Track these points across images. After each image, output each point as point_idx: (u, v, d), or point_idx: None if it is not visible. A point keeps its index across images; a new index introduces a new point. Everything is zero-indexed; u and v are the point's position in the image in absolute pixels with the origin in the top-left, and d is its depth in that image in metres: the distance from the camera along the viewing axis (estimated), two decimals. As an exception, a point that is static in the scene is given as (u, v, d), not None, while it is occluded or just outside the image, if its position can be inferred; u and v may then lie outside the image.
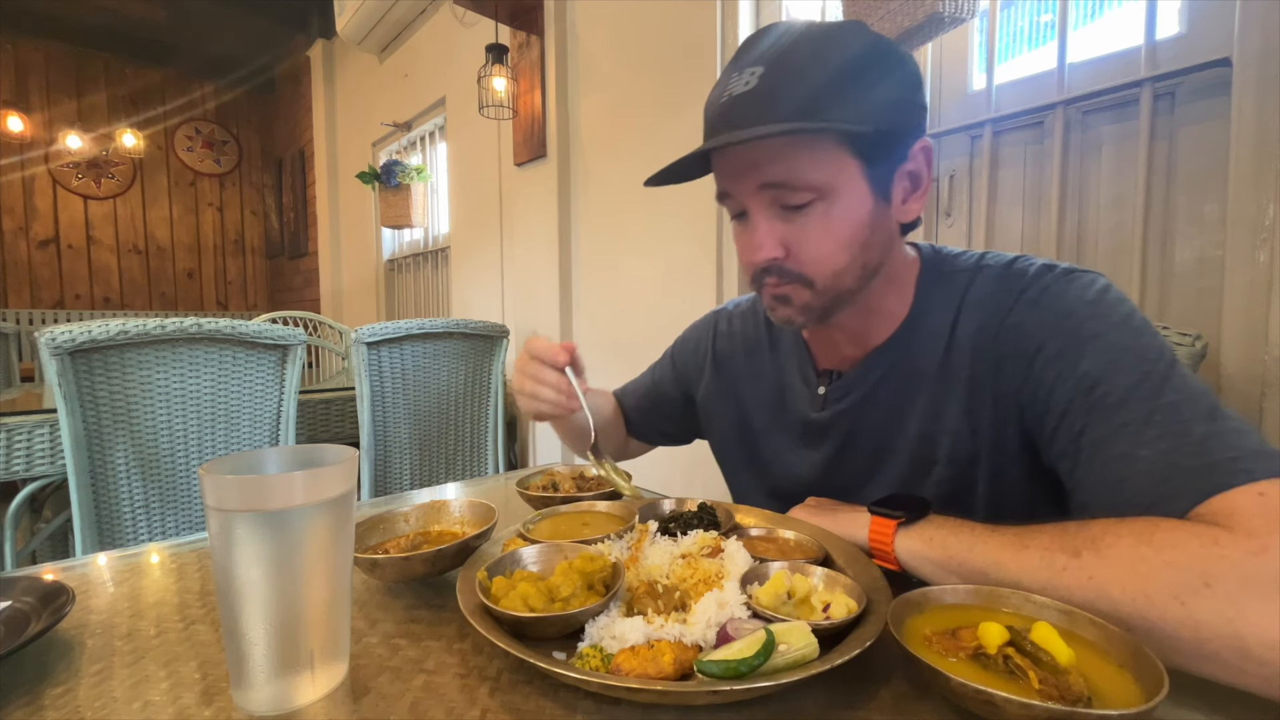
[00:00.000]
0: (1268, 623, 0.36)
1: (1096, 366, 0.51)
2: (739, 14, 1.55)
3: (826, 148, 0.56)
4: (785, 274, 0.60)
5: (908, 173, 0.59)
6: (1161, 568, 0.40)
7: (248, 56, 5.07)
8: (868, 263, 0.60)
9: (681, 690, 0.35)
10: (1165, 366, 0.49)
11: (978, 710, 0.34)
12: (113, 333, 1.32)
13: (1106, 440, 0.48)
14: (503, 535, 0.58)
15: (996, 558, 0.47)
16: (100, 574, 0.60)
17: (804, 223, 0.58)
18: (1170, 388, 0.48)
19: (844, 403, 0.67)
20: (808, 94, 0.54)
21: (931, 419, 0.61)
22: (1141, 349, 0.50)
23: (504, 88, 2.19)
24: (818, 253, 0.59)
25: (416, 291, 3.57)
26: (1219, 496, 0.42)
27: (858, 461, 0.67)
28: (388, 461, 1.91)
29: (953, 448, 0.60)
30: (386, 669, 0.42)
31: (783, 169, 0.56)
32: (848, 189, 0.57)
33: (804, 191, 0.56)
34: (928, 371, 0.62)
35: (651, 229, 1.82)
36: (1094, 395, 0.50)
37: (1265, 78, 0.84)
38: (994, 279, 0.60)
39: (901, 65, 0.57)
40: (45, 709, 0.38)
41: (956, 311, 0.61)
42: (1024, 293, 0.57)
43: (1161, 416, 0.46)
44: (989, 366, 0.58)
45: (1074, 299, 0.55)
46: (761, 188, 0.58)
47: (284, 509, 0.37)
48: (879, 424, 0.65)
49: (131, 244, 5.30)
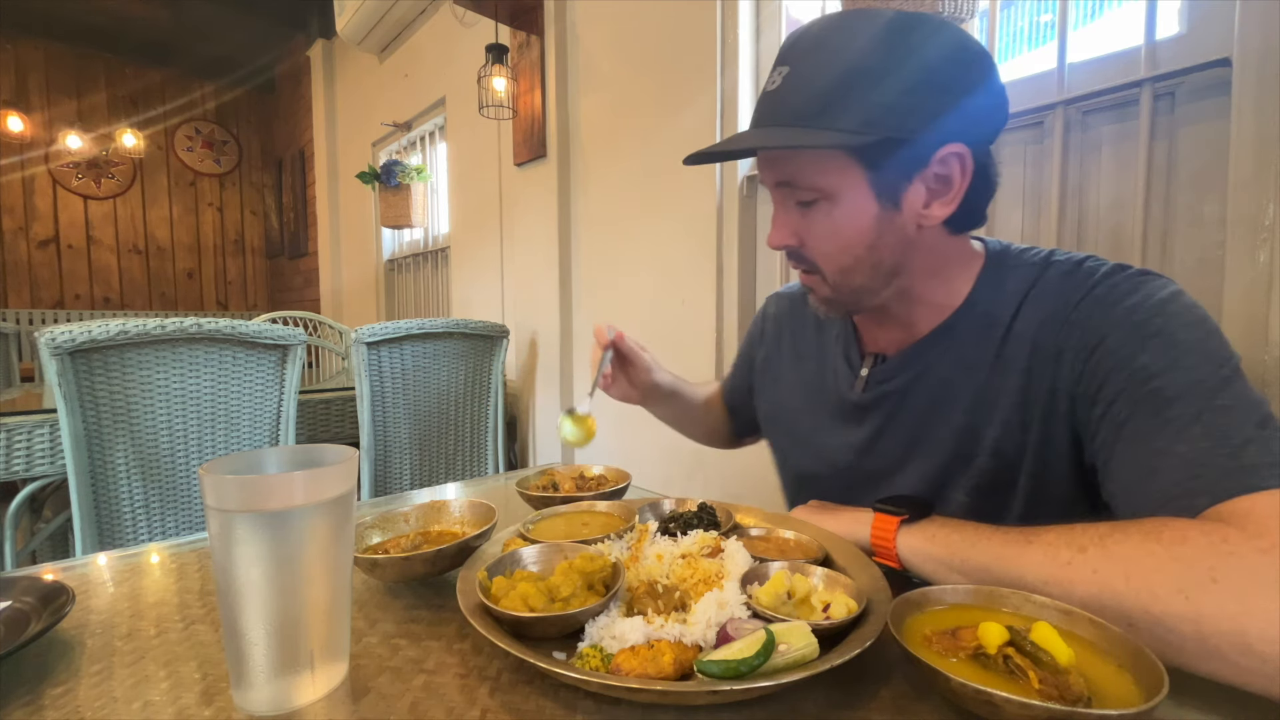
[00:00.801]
0: (1272, 619, 0.35)
1: (1155, 361, 0.49)
2: (739, 14, 1.55)
3: (828, 154, 0.57)
4: (802, 260, 0.64)
5: (933, 175, 0.57)
6: (1168, 562, 0.40)
7: (248, 56, 5.07)
8: (879, 263, 0.60)
9: (681, 690, 0.35)
10: (1229, 372, 0.48)
11: (978, 710, 0.34)
12: (113, 333, 1.32)
13: (1149, 433, 0.48)
14: (503, 535, 0.58)
15: (1000, 553, 0.47)
16: (100, 574, 0.60)
17: (813, 218, 0.60)
18: (1228, 393, 0.46)
19: (886, 386, 0.67)
20: (812, 99, 0.55)
21: (981, 409, 0.61)
22: (1207, 352, 0.49)
23: (504, 88, 2.19)
24: (824, 249, 0.61)
25: (416, 291, 3.57)
26: (1243, 498, 0.41)
27: (895, 447, 0.67)
28: (388, 461, 1.91)
29: (999, 439, 0.59)
30: (386, 669, 0.42)
31: (790, 170, 0.60)
32: (849, 194, 0.58)
33: (809, 191, 0.59)
34: (981, 362, 0.61)
35: (651, 229, 1.82)
36: (1147, 388, 0.49)
37: (1265, 78, 0.84)
38: (1063, 275, 0.59)
39: (929, 66, 0.54)
40: (45, 709, 0.38)
41: (1019, 304, 0.60)
42: (1093, 289, 0.56)
43: (1210, 417, 0.45)
44: (1049, 360, 0.57)
45: (1143, 297, 0.53)
46: (777, 182, 0.62)
47: (284, 509, 0.37)
48: (921, 411, 0.65)
49: (131, 244, 5.29)
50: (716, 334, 1.64)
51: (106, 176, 5.15)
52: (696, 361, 1.69)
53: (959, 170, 0.57)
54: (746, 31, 1.56)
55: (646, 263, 1.85)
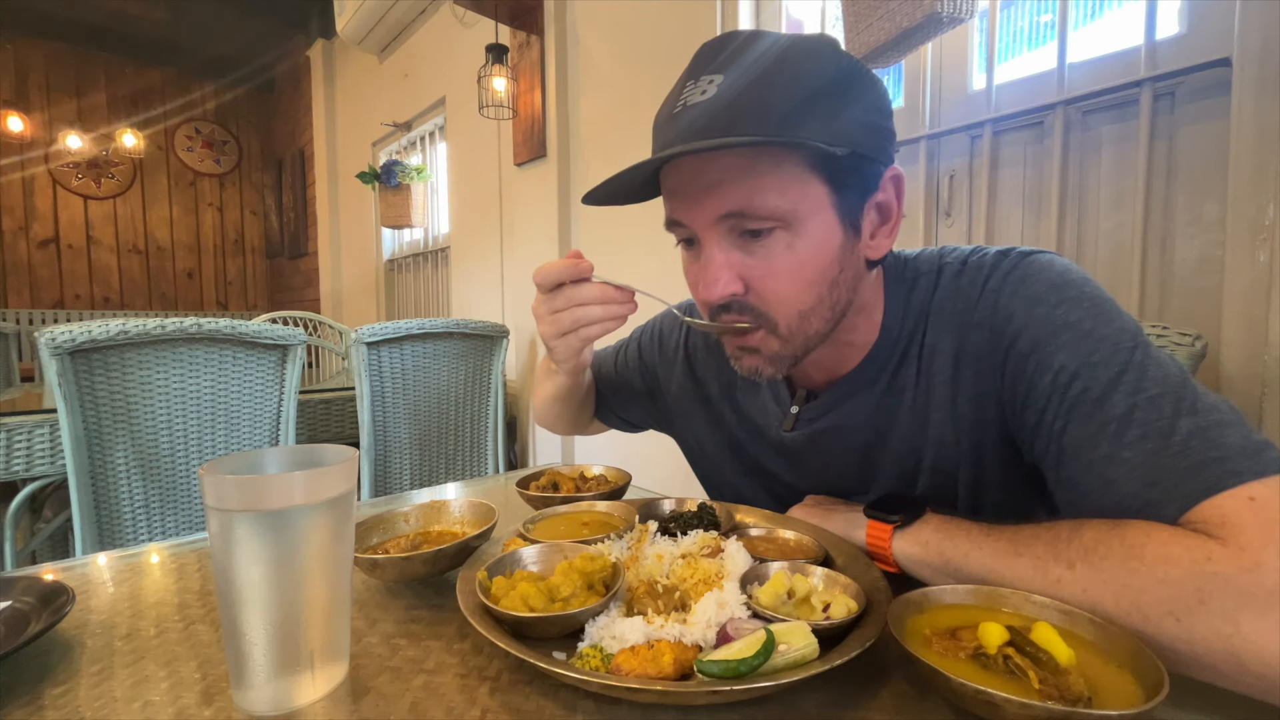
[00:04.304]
0: (1264, 638, 0.36)
1: (1072, 359, 0.49)
2: (739, 14, 1.55)
3: (792, 169, 0.50)
4: (747, 311, 0.55)
5: (876, 204, 0.55)
6: (1155, 584, 0.39)
7: (248, 56, 5.07)
8: (836, 303, 0.55)
9: (681, 690, 0.35)
10: (1140, 354, 0.48)
11: (978, 710, 0.34)
12: (113, 333, 1.32)
13: (1088, 441, 0.47)
14: (503, 535, 0.58)
15: (991, 565, 0.47)
16: (100, 574, 0.60)
17: (765, 254, 0.52)
18: (1149, 379, 0.46)
19: (818, 424, 0.64)
20: (773, 106, 0.48)
21: (915, 431, 0.60)
22: (1115, 335, 0.49)
23: (504, 88, 2.19)
24: (780, 291, 0.53)
25: (416, 291, 3.57)
26: (1208, 502, 0.41)
27: (843, 478, 0.66)
28: (388, 461, 1.91)
29: (936, 458, 0.59)
30: (386, 669, 0.42)
31: (743, 194, 0.50)
32: (814, 219, 0.52)
33: (765, 220, 0.51)
34: (905, 384, 0.60)
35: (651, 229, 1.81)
36: (1072, 391, 0.49)
37: (1265, 78, 0.84)
38: (954, 277, 0.58)
39: (872, 86, 0.53)
40: (45, 709, 0.38)
41: (925, 319, 0.59)
42: (985, 284, 0.55)
43: (1142, 414, 0.45)
44: (966, 367, 0.56)
45: (1037, 283, 0.53)
46: (720, 216, 0.52)
47: (284, 509, 0.37)
48: (858, 442, 0.63)
49: (131, 244, 5.30)
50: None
51: (106, 176, 5.15)
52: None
53: (895, 196, 0.56)
54: (746, 31, 1.56)
55: (646, 263, 1.85)
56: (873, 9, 1.06)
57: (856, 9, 1.10)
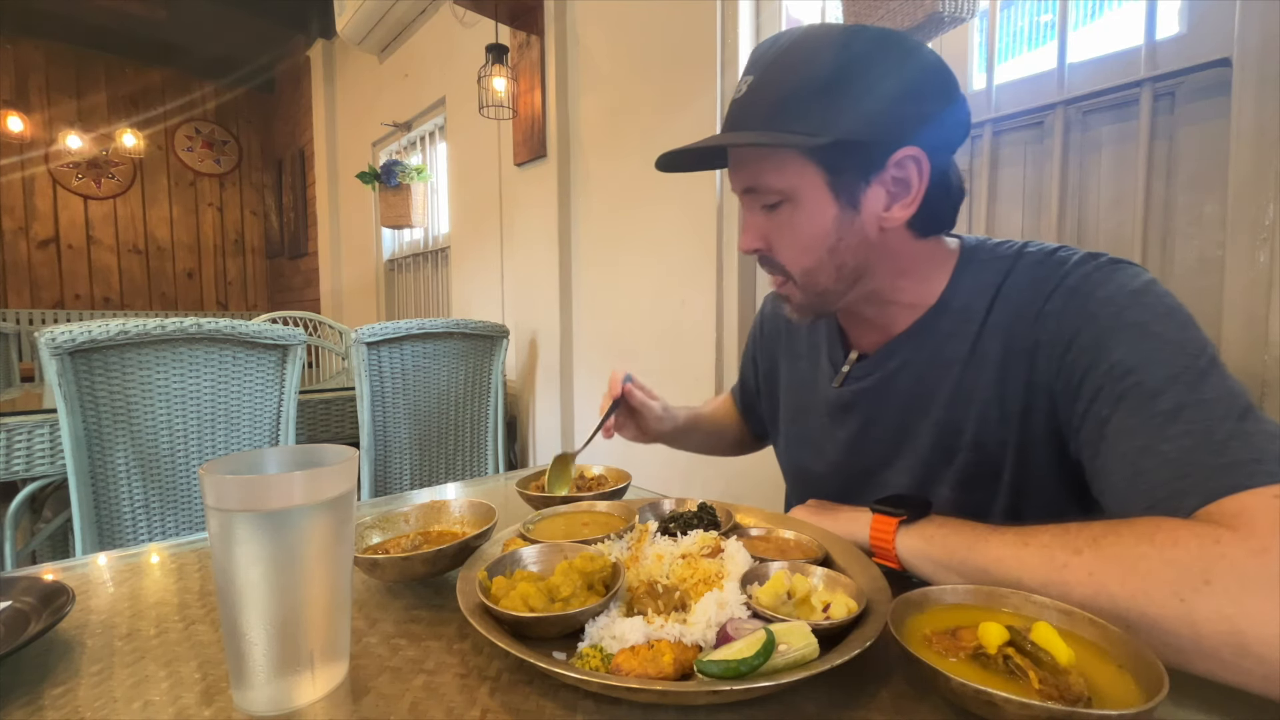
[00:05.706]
0: (1267, 620, 0.35)
1: (1132, 355, 0.49)
2: (739, 14, 1.55)
3: (787, 157, 0.59)
4: (772, 265, 0.66)
5: (891, 179, 0.59)
6: (1162, 565, 0.40)
7: (248, 56, 5.06)
8: (841, 265, 0.62)
9: (681, 690, 0.35)
10: (1206, 363, 0.47)
11: (978, 710, 0.34)
12: (113, 333, 1.32)
13: (1131, 431, 0.47)
14: (503, 535, 0.58)
15: (998, 555, 0.47)
16: (100, 574, 0.60)
17: (777, 221, 0.63)
18: (1208, 385, 0.46)
19: (864, 382, 0.69)
20: (773, 105, 0.58)
21: (959, 404, 0.61)
22: (1183, 342, 0.49)
23: (504, 88, 2.19)
24: (788, 251, 0.64)
25: (416, 291, 3.56)
26: (1232, 497, 0.41)
27: (879, 443, 0.68)
28: (388, 461, 1.91)
29: (978, 433, 0.60)
30: (386, 669, 0.42)
31: (754, 173, 0.62)
32: (809, 196, 0.60)
33: (772, 194, 0.61)
34: (956, 357, 0.62)
35: (651, 229, 1.82)
36: (1125, 383, 0.49)
37: (1265, 78, 0.84)
38: (1034, 265, 0.59)
39: (891, 74, 0.56)
40: (45, 709, 0.38)
41: (993, 298, 0.60)
42: (1064, 279, 0.56)
43: (1191, 413, 0.45)
44: (1024, 354, 0.57)
45: (1116, 288, 0.53)
46: (744, 190, 0.64)
47: (284, 509, 0.37)
48: (900, 407, 0.66)
49: (131, 244, 5.29)
50: (716, 334, 1.64)
51: (106, 176, 5.15)
52: (696, 361, 1.69)
53: (916, 173, 0.59)
54: (746, 31, 1.56)
55: (646, 263, 1.85)
56: (873, 9, 1.06)
57: (856, 9, 1.10)
